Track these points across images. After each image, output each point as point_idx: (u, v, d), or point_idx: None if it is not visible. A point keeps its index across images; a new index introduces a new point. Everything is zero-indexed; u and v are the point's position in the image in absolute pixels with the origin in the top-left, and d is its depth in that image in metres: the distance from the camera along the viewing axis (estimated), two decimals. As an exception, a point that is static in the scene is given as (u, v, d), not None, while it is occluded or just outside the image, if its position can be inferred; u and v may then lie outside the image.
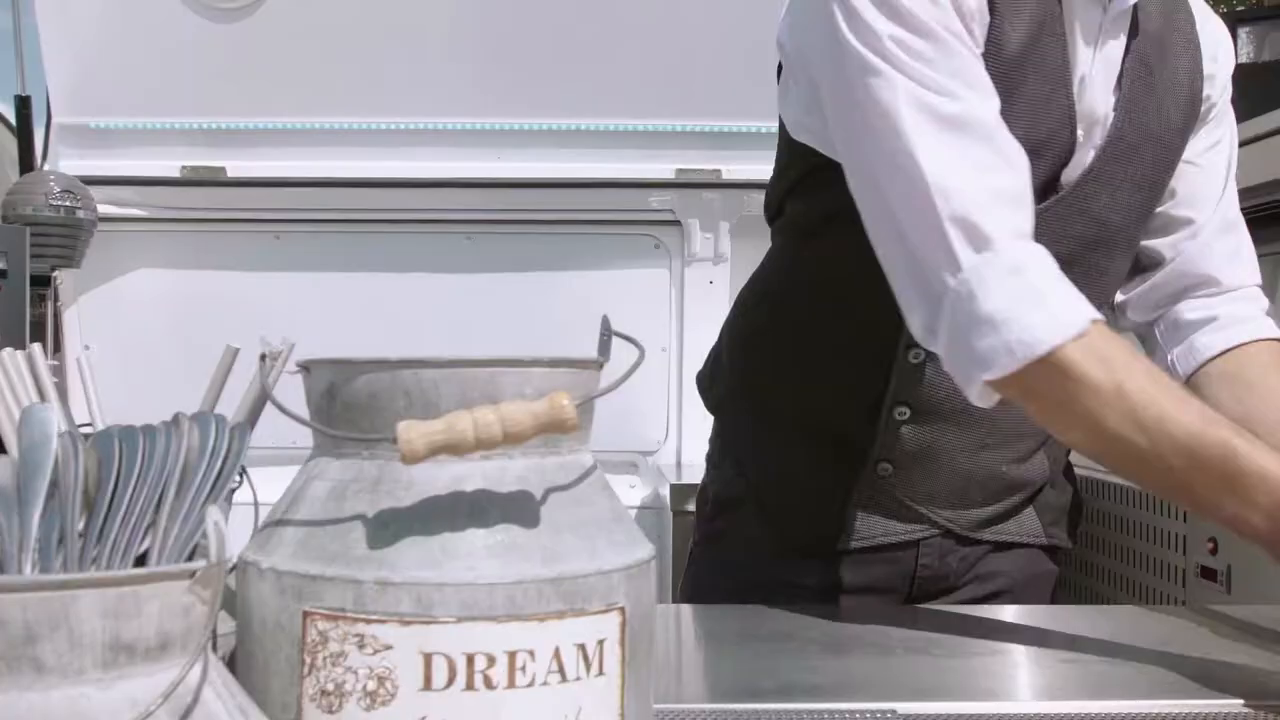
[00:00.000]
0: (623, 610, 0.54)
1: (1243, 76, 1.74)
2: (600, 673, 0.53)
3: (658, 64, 2.47)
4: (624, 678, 0.54)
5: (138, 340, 2.60)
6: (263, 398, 0.68)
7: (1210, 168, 1.17)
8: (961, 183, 0.90)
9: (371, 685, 0.50)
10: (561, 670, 0.51)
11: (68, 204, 1.99)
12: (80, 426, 0.69)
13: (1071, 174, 1.08)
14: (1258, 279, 1.18)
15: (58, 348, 2.15)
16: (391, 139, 2.61)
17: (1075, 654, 0.97)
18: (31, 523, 0.49)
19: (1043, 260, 0.93)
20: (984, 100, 0.94)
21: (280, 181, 2.60)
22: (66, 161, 2.61)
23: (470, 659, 0.50)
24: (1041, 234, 0.96)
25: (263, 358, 0.61)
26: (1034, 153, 0.97)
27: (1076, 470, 1.35)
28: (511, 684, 0.50)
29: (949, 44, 0.93)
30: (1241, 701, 0.80)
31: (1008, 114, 0.96)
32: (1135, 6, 1.07)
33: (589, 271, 2.66)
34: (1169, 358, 1.17)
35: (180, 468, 0.50)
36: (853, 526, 1.15)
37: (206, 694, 0.43)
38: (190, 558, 0.50)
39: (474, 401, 0.52)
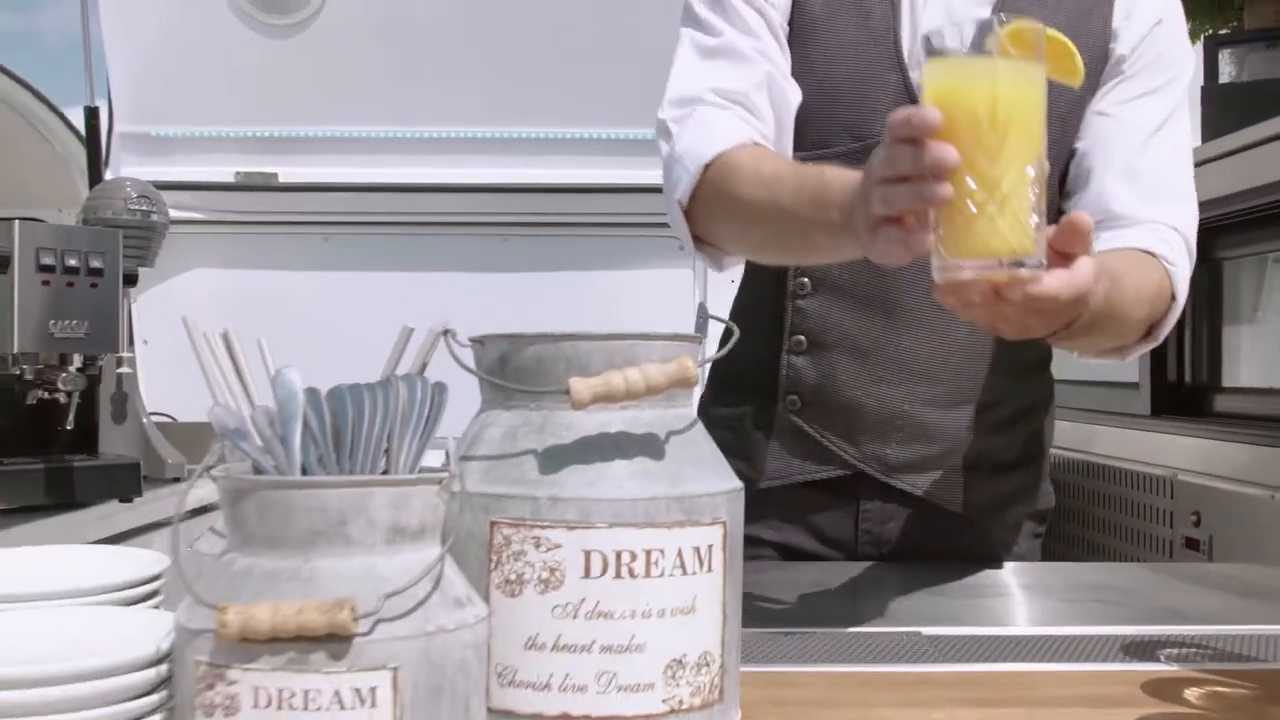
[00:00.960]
0: (724, 524, 0.71)
1: (1224, 95, 1.91)
2: (709, 570, 0.70)
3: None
4: (725, 576, 0.71)
5: (177, 346, 2.77)
6: (421, 366, 0.85)
7: (1127, 119, 1.23)
8: (690, 81, 1.20)
9: (545, 574, 0.67)
10: (683, 566, 0.69)
11: (143, 208, 2.14)
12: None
13: None
14: (1173, 220, 1.20)
15: (130, 341, 2.31)
16: (433, 147, 2.80)
17: (1072, 597, 1.15)
18: (294, 454, 0.66)
19: (730, 111, 1.18)
20: (741, 35, 1.21)
21: (329, 186, 2.79)
22: (128, 168, 2.80)
23: (619, 555, 0.67)
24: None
25: (445, 333, 0.77)
26: (861, 88, 1.22)
27: (1067, 454, 1.49)
28: (648, 574, 0.68)
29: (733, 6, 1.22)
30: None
31: (824, 56, 1.23)
32: None
33: (617, 271, 2.84)
34: None
35: (399, 412, 0.68)
36: (771, 465, 1.28)
37: (448, 569, 0.61)
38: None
39: (617, 365, 0.69)
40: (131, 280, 1.99)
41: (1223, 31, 1.96)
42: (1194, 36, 2.05)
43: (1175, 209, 1.21)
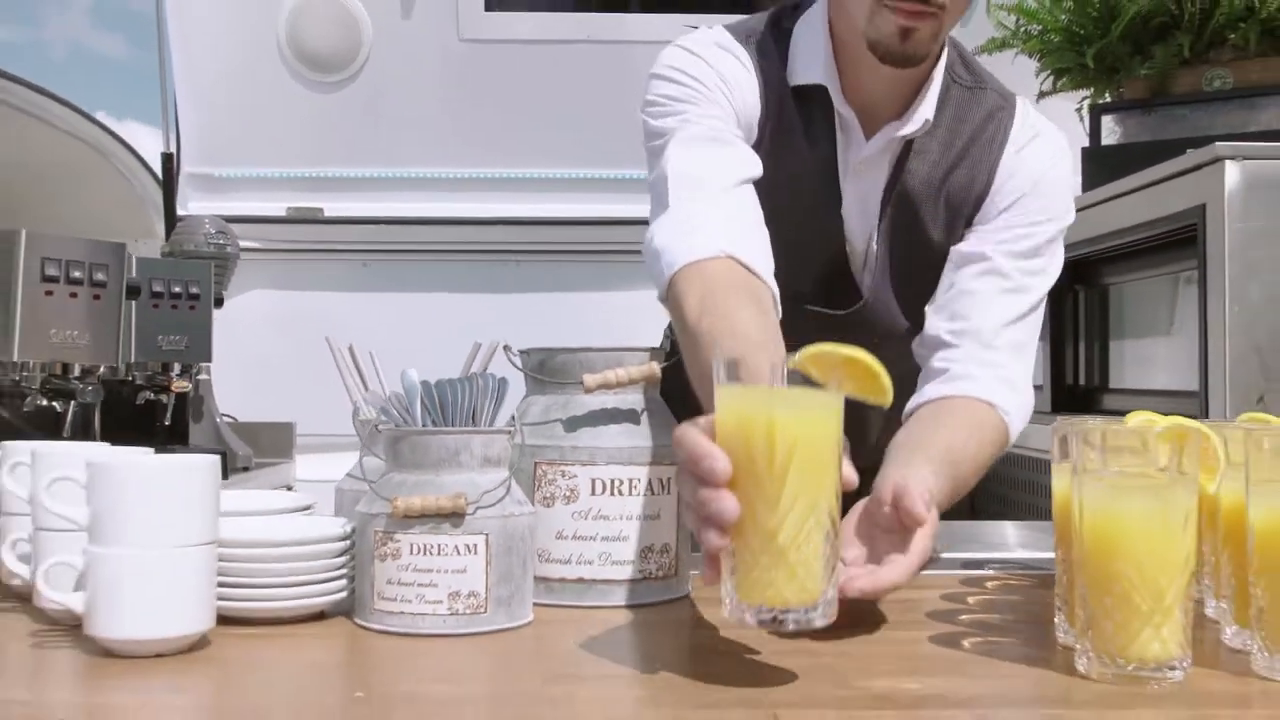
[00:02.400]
0: (675, 465, 1.14)
1: (1103, 154, 2.34)
2: (668, 492, 1.13)
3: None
4: (678, 496, 1.15)
5: (250, 350, 3.19)
6: (479, 369, 1.28)
7: (1006, 253, 1.36)
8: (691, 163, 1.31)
9: (567, 493, 1.11)
10: (652, 489, 1.12)
11: (219, 241, 2.56)
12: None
13: (864, 281, 1.43)
14: (1013, 374, 1.31)
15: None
16: (457, 185, 3.22)
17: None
18: (417, 420, 1.10)
19: (710, 203, 1.24)
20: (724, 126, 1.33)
21: (368, 220, 3.20)
22: (194, 203, 3.21)
23: (612, 481, 1.11)
24: (850, 330, 1.25)
25: (506, 348, 1.21)
26: (798, 277, 1.32)
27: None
28: (630, 494, 1.11)
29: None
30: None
31: (782, 216, 1.28)
32: (908, 145, 1.37)
33: (611, 292, 3.25)
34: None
35: (480, 394, 1.11)
36: None
37: (513, 485, 1.04)
38: (485, 436, 1.11)
39: (611, 366, 1.13)
40: (219, 303, 2.41)
41: (1106, 100, 2.39)
42: (1089, 101, 2.48)
43: (1019, 361, 1.33)
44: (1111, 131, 2.34)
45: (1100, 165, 2.26)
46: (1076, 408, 2.41)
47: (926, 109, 1.37)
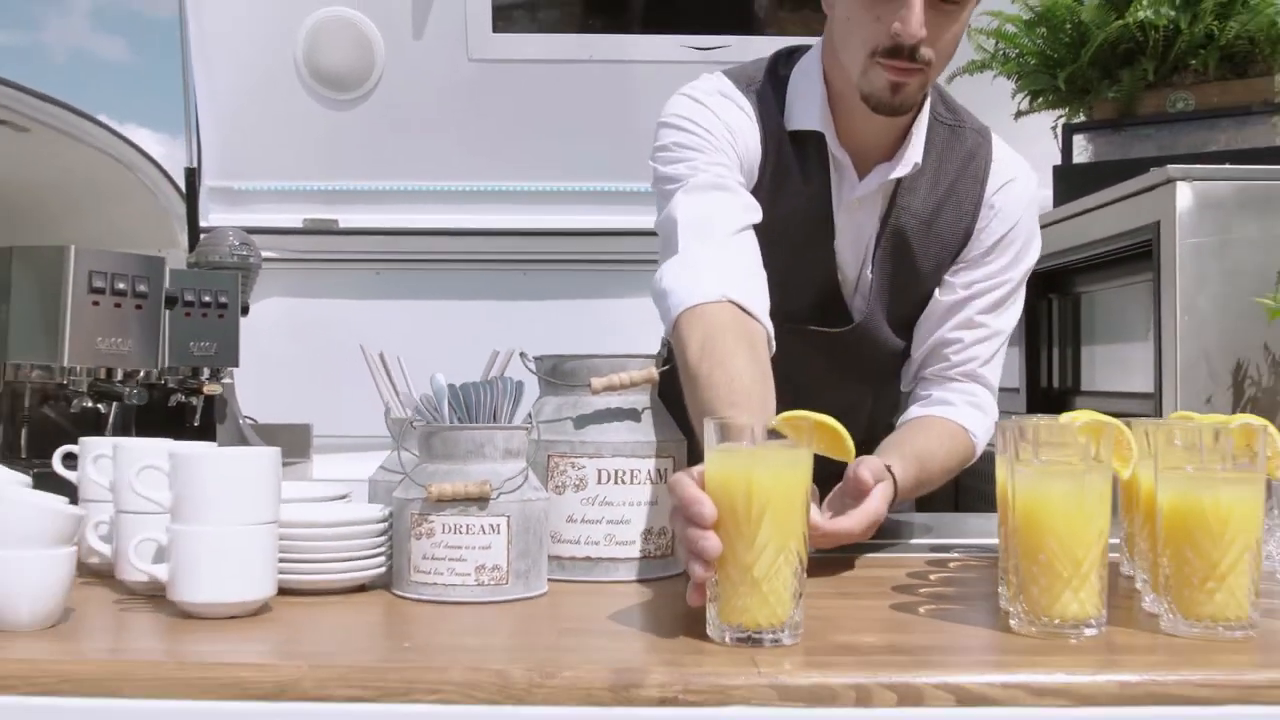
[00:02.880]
0: (673, 457, 1.30)
1: (1073, 172, 2.49)
2: (664, 482, 1.29)
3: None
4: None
5: (267, 355, 3.34)
6: (498, 373, 1.44)
7: (977, 293, 1.56)
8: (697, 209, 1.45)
9: (577, 481, 1.26)
10: (650, 479, 1.28)
11: (243, 253, 2.71)
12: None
13: (855, 304, 1.58)
14: (982, 387, 1.57)
15: (230, 360, 2.88)
16: (465, 197, 3.37)
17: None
18: (445, 418, 1.25)
19: (714, 249, 1.39)
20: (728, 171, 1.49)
21: (380, 231, 3.35)
22: (215, 215, 3.36)
23: (616, 471, 1.26)
24: (844, 346, 1.56)
25: (522, 355, 1.36)
26: (803, 293, 1.54)
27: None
28: (632, 482, 1.26)
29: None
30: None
31: (769, 252, 1.43)
32: (898, 183, 1.52)
33: (614, 300, 3.39)
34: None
35: (501, 395, 1.27)
36: None
37: (531, 475, 1.19)
38: (504, 432, 1.26)
39: (615, 370, 1.28)
40: (245, 310, 2.56)
41: (1078, 120, 2.55)
42: (1063, 119, 2.64)
43: (983, 358, 1.57)
44: (1083, 149, 2.49)
45: (1070, 182, 2.42)
46: (1051, 409, 2.56)
47: (915, 152, 1.52)
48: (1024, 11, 2.53)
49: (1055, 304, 2.58)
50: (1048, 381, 2.60)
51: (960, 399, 1.56)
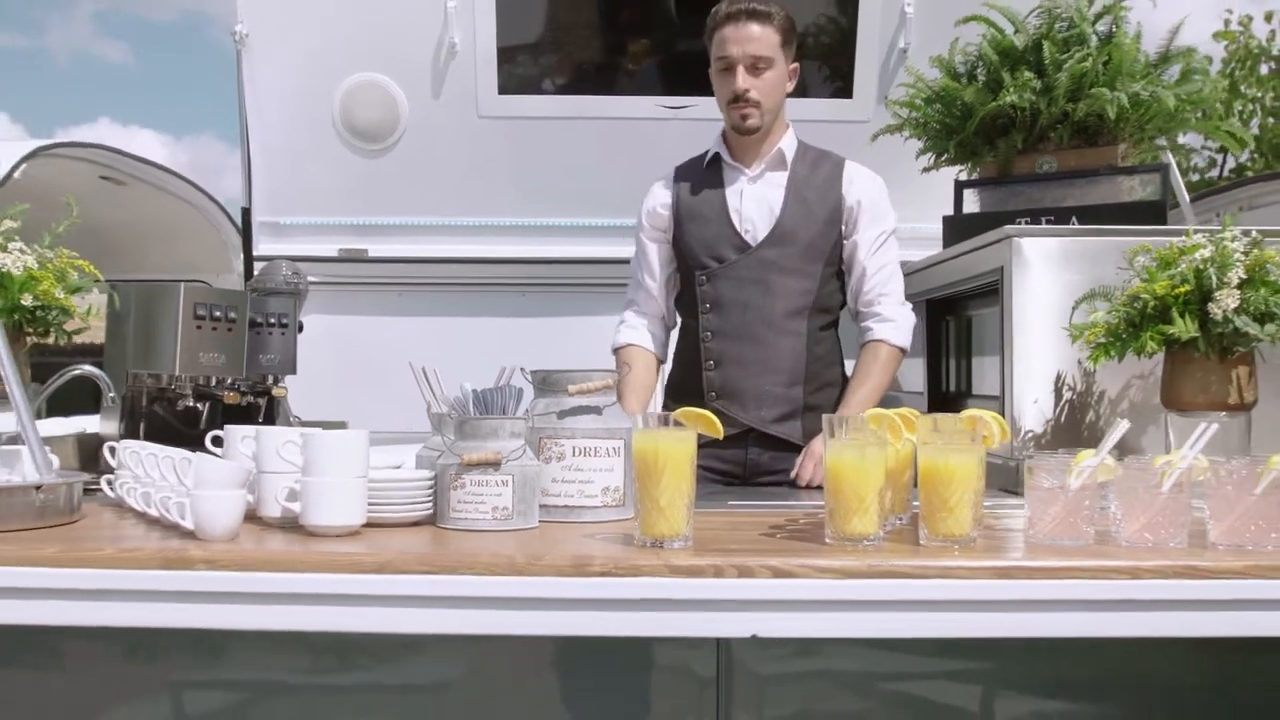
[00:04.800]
0: (624, 440, 1.92)
1: (959, 220, 3.10)
2: (618, 456, 1.91)
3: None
4: (626, 458, 1.92)
5: (307, 364, 3.94)
6: (506, 382, 2.06)
7: (863, 247, 2.69)
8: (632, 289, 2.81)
9: (559, 455, 1.89)
10: (608, 454, 1.90)
11: (294, 281, 3.30)
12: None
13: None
14: (891, 302, 2.71)
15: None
16: (478, 230, 3.96)
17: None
18: (471, 411, 1.87)
19: (622, 325, 2.80)
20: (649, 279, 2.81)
21: (403, 259, 3.95)
22: (264, 245, 3.96)
23: (587, 447, 1.88)
24: (742, 269, 2.63)
25: (521, 369, 1.98)
26: (714, 248, 2.66)
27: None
28: (597, 455, 1.89)
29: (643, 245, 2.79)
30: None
31: (690, 235, 2.70)
32: (792, 165, 2.69)
33: (597, 318, 4.00)
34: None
35: (508, 397, 1.89)
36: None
37: (528, 450, 1.82)
38: (510, 422, 1.88)
39: (586, 380, 1.91)
40: (300, 328, 3.18)
41: (970, 176, 3.16)
42: (959, 176, 3.25)
43: (895, 290, 2.72)
44: (972, 201, 3.11)
45: (955, 229, 3.03)
46: (948, 409, 3.18)
47: (781, 148, 2.72)
48: (924, 90, 3.15)
49: (951, 324, 3.20)
50: (945, 387, 3.22)
51: (882, 325, 2.69)
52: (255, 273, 3.61)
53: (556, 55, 3.89)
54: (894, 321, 2.69)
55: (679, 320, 2.84)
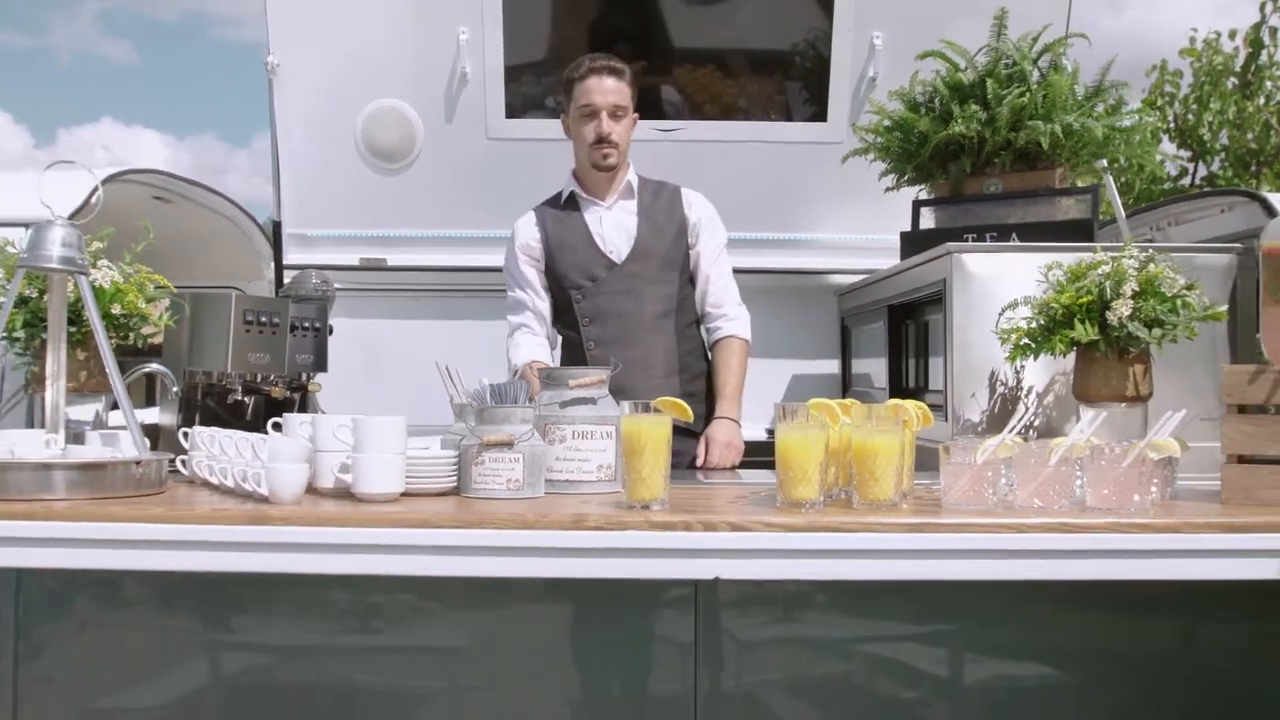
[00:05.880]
0: (618, 426, 2.31)
1: (914, 236, 3.49)
2: (611, 439, 2.30)
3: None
4: (618, 439, 2.31)
5: (332, 362, 4.32)
6: (516, 377, 2.45)
7: (706, 256, 3.23)
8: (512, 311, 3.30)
9: (563, 437, 2.28)
10: (605, 436, 2.29)
11: (323, 289, 3.67)
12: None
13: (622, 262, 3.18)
14: (732, 303, 3.27)
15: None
16: (488, 241, 4.30)
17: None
18: (488, 402, 2.26)
19: (519, 344, 3.23)
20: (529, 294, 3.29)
21: (419, 267, 4.31)
22: (292, 255, 4.32)
23: (582, 433, 2.27)
24: (613, 283, 3.17)
25: (530, 365, 2.37)
26: (587, 269, 3.18)
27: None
28: (593, 439, 2.28)
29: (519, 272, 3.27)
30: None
31: (562, 262, 3.21)
32: (639, 194, 3.23)
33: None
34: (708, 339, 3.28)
35: (519, 390, 2.27)
36: None
37: (536, 433, 2.21)
38: (521, 410, 2.27)
39: (583, 376, 2.30)
40: (330, 331, 3.57)
41: (927, 196, 3.54)
42: (918, 195, 3.64)
43: (732, 295, 3.26)
44: (929, 218, 3.49)
45: (911, 243, 3.42)
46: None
47: (629, 181, 3.24)
48: (886, 119, 3.53)
49: (910, 328, 3.58)
50: (905, 384, 3.60)
51: (728, 324, 3.24)
52: (285, 280, 4.00)
53: (558, 82, 4.26)
54: (739, 319, 3.26)
55: (559, 337, 3.30)
